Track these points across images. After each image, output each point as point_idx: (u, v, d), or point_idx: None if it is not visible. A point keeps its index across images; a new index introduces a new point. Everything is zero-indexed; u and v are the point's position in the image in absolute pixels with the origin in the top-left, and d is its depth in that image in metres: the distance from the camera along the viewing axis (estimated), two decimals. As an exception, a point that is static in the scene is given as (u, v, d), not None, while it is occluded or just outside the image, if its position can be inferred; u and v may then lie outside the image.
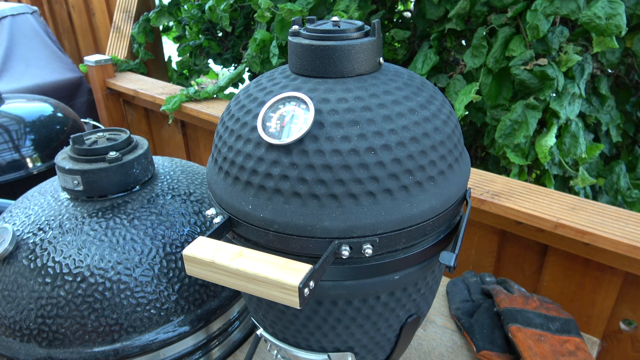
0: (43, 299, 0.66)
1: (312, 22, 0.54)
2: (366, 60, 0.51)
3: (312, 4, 1.38)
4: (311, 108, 0.47)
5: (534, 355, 0.71)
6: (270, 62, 1.47)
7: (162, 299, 0.69)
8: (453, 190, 0.51)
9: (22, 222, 0.73)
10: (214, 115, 1.44)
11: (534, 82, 1.14)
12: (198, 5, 1.84)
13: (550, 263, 0.98)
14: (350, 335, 0.56)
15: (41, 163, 1.28)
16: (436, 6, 1.32)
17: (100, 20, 2.59)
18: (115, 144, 0.74)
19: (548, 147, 1.14)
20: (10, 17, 2.12)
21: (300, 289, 0.40)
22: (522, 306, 0.79)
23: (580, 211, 0.89)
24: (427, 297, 0.60)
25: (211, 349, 0.77)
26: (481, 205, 0.95)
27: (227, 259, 0.44)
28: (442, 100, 0.54)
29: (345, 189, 0.46)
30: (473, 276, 0.94)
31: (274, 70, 0.56)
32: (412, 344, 0.82)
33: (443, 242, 0.53)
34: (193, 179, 0.84)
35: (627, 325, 0.92)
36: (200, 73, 2.10)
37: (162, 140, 1.87)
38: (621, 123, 1.31)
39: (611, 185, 1.31)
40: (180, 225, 0.74)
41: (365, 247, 0.47)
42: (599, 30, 1.04)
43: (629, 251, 0.80)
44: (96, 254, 0.67)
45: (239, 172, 0.50)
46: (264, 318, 0.60)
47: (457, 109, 1.20)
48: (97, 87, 1.85)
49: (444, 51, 1.41)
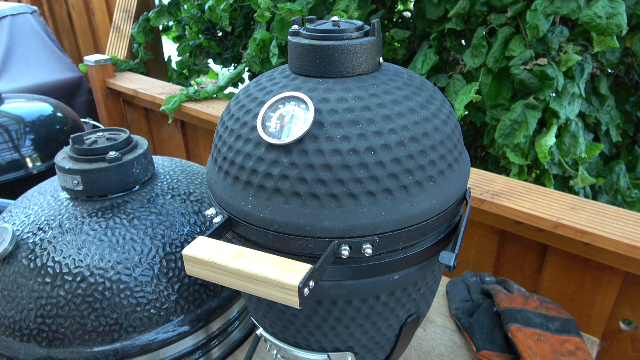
0: (43, 299, 0.66)
1: (312, 22, 0.54)
2: (366, 60, 0.51)
3: (312, 4, 1.38)
4: (311, 108, 0.47)
5: (534, 355, 0.71)
6: (270, 62, 1.47)
7: (162, 299, 0.69)
8: (453, 190, 0.51)
9: (22, 222, 0.73)
10: (214, 115, 1.44)
11: (534, 82, 1.14)
12: (198, 5, 1.84)
13: (550, 263, 0.98)
14: (350, 335, 0.56)
15: (41, 163, 1.28)
16: (436, 6, 1.32)
17: (100, 20, 2.59)
18: (115, 144, 0.74)
19: (548, 147, 1.14)
20: (10, 17, 2.12)
21: (300, 289, 0.40)
22: (522, 306, 0.79)
23: (580, 211, 0.89)
24: (427, 297, 0.60)
25: (211, 349, 0.77)
26: (481, 205, 0.95)
27: (227, 259, 0.44)
28: (442, 100, 0.54)
29: (345, 189, 0.46)
30: (473, 276, 0.94)
31: (274, 70, 0.56)
32: (412, 344, 0.82)
33: (443, 242, 0.53)
34: (193, 179, 0.84)
35: (627, 325, 0.92)
36: (200, 73, 2.10)
37: (162, 140, 1.87)
38: (621, 123, 1.31)
39: (611, 185, 1.31)
40: (180, 225, 0.74)
41: (365, 247, 0.47)
42: (600, 30, 1.04)
43: (629, 251, 0.80)
44: (96, 254, 0.67)
45: (239, 172, 0.50)
46: (264, 318, 0.60)
47: (457, 109, 1.20)
48: (97, 87, 1.85)
49: (444, 51, 1.41)
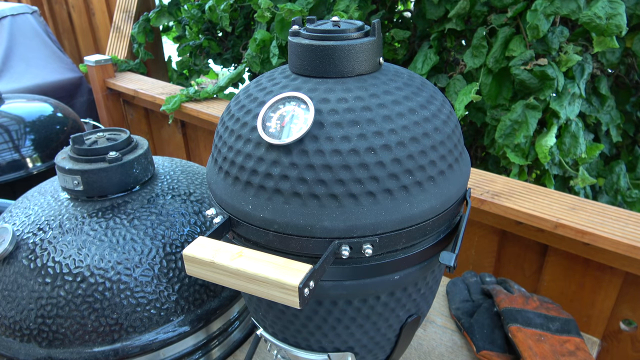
0: (43, 299, 0.66)
1: (312, 22, 0.54)
2: (366, 60, 0.51)
3: (312, 4, 1.38)
4: (311, 108, 0.47)
5: (534, 355, 0.71)
6: (270, 62, 1.47)
7: (162, 299, 0.69)
8: (453, 190, 0.51)
9: (22, 222, 0.73)
10: (214, 115, 1.44)
11: (534, 82, 1.14)
12: (198, 5, 1.84)
13: (550, 263, 0.98)
14: (350, 335, 0.56)
15: (41, 163, 1.28)
16: (436, 6, 1.32)
17: (100, 20, 2.59)
18: (115, 144, 0.74)
19: (548, 147, 1.14)
20: (10, 17, 2.12)
21: (300, 289, 0.40)
22: (522, 306, 0.79)
23: (580, 211, 0.89)
24: (427, 297, 0.60)
25: (211, 349, 0.76)
26: (481, 205, 0.95)
27: (227, 259, 0.44)
28: (442, 100, 0.54)
29: (345, 189, 0.46)
30: (473, 276, 0.94)
31: (274, 70, 0.56)
32: (412, 344, 0.82)
33: (443, 242, 0.53)
34: (193, 179, 0.84)
35: (627, 325, 0.92)
36: (200, 73, 2.10)
37: (162, 140, 1.87)
38: (621, 123, 1.31)
39: (611, 185, 1.31)
40: (180, 225, 0.74)
41: (365, 247, 0.47)
42: (600, 30, 1.04)
43: (629, 251, 0.80)
44: (96, 254, 0.67)
45: (239, 172, 0.50)
46: (264, 318, 0.60)
47: (457, 109, 1.20)
48: (97, 87, 1.85)
49: (444, 51, 1.41)
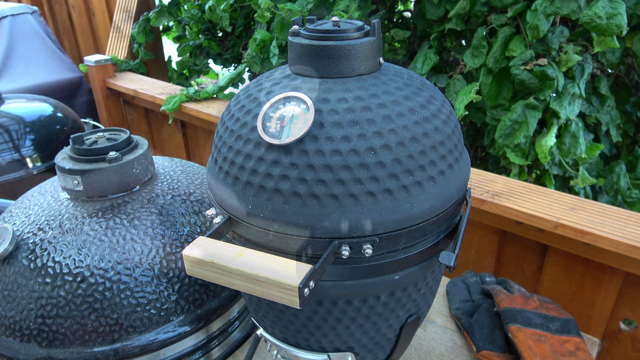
0: (43, 299, 0.66)
1: (312, 22, 0.54)
2: (366, 60, 0.51)
3: (312, 4, 1.38)
4: (311, 108, 0.47)
5: (534, 355, 0.71)
6: (270, 62, 1.47)
7: (162, 299, 0.68)
8: (453, 190, 0.51)
9: (22, 222, 0.73)
10: (214, 115, 1.44)
11: (534, 82, 1.14)
12: (198, 5, 1.84)
13: (550, 263, 0.98)
14: (350, 335, 0.56)
15: (41, 163, 1.28)
16: (436, 6, 1.32)
17: (100, 20, 2.59)
18: (115, 144, 0.74)
19: (548, 147, 1.14)
20: (10, 17, 2.12)
21: (300, 289, 0.40)
22: (522, 306, 0.79)
23: (580, 211, 0.89)
24: (427, 297, 0.60)
25: (211, 349, 0.76)
26: (481, 205, 0.95)
27: (227, 259, 0.44)
28: (442, 100, 0.54)
29: (345, 189, 0.46)
30: (473, 276, 0.94)
31: (274, 70, 0.56)
32: (412, 344, 0.82)
33: (443, 242, 0.53)
34: (193, 179, 0.84)
35: (627, 325, 0.92)
36: (200, 73, 2.10)
37: (162, 140, 1.87)
38: (621, 123, 1.31)
39: (611, 185, 1.31)
40: (180, 225, 0.74)
41: (365, 247, 0.47)
42: (600, 30, 1.04)
43: (629, 251, 0.80)
44: (96, 254, 0.67)
45: (239, 172, 0.49)
46: (264, 318, 0.60)
47: (457, 109, 1.21)
48: (97, 87, 1.85)
49: (444, 51, 1.41)
